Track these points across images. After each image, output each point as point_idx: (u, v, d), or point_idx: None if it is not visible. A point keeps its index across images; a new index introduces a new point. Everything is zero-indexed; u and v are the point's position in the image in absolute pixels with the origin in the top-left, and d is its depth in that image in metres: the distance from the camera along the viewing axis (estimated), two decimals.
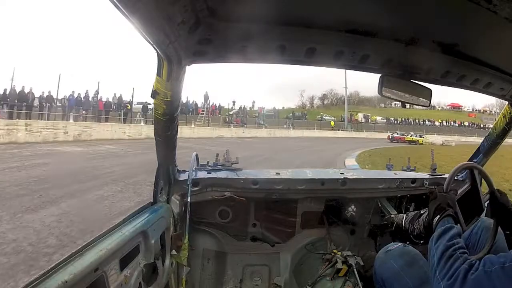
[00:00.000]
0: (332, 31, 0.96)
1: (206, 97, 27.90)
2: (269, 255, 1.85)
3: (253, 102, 41.25)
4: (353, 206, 1.91)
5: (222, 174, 1.69)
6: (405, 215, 1.60)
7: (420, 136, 33.09)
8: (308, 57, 1.04)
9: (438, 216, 1.03)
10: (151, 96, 1.04)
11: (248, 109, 37.13)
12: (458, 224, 1.03)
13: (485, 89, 1.29)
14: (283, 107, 47.78)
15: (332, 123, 39.72)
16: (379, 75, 1.13)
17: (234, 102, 35.97)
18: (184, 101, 25.22)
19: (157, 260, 1.27)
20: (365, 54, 1.05)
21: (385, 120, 46.22)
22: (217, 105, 31.51)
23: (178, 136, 1.31)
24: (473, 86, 1.26)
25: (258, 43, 0.97)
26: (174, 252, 1.43)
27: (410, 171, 2.08)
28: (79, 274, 0.77)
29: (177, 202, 1.55)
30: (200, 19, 0.82)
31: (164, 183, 1.46)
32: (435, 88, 1.22)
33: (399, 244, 1.34)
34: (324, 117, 42.18)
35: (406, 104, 1.18)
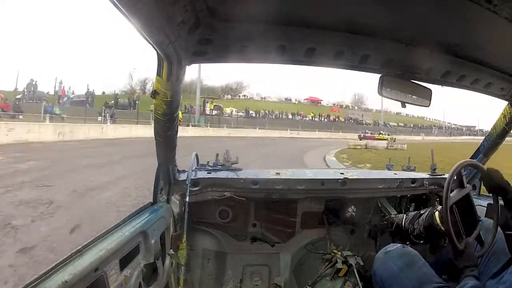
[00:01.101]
0: (332, 31, 0.96)
1: None
2: (269, 255, 1.85)
3: (60, 81, 28.48)
4: (353, 206, 1.91)
5: (222, 174, 1.69)
6: (405, 215, 1.60)
7: (388, 135, 38.97)
8: (308, 57, 1.04)
9: (465, 274, 1.07)
10: (151, 96, 1.04)
11: (47, 92, 25.17)
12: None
13: (485, 89, 1.29)
14: (104, 92, 33.31)
15: (180, 115, 29.73)
16: (379, 75, 1.13)
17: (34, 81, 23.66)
18: None
19: (157, 260, 1.27)
20: (365, 54, 1.05)
21: (244, 114, 38.19)
22: None
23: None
24: (473, 86, 1.26)
25: (258, 43, 0.97)
26: (171, 251, 1.43)
27: (410, 171, 2.08)
28: (79, 274, 0.77)
29: (177, 202, 1.55)
30: (200, 19, 0.82)
31: (164, 183, 1.46)
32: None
33: (398, 245, 1.34)
34: None
35: (405, 104, 1.18)
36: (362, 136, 36.39)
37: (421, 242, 1.47)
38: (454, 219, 1.15)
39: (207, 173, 1.68)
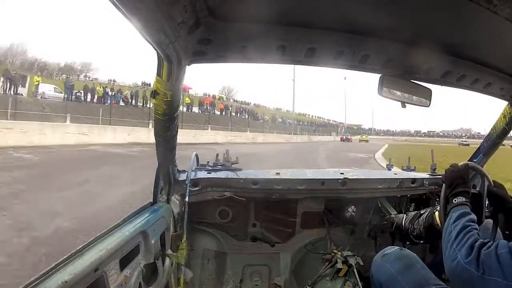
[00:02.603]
0: (332, 31, 0.96)
1: None
2: (269, 255, 1.85)
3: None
4: (353, 206, 1.91)
5: (222, 174, 1.69)
6: (405, 215, 1.60)
7: (366, 136, 48.01)
8: (308, 57, 1.04)
9: (457, 200, 1.07)
10: (151, 96, 1.04)
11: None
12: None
13: (485, 89, 1.29)
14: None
15: None
16: (379, 75, 1.13)
17: None
18: None
19: (157, 260, 1.27)
20: (365, 54, 1.05)
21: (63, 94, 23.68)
22: None
23: None
24: (473, 86, 1.26)
25: (258, 43, 0.97)
26: (169, 251, 1.43)
27: (410, 171, 2.08)
28: (79, 274, 0.77)
29: (177, 202, 1.55)
30: (200, 19, 0.81)
31: (164, 183, 1.46)
32: None
33: (396, 247, 1.34)
34: None
35: (406, 104, 1.18)
36: (344, 138, 47.19)
37: (421, 242, 1.47)
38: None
39: (207, 173, 1.68)
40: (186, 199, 1.50)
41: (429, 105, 1.22)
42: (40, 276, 0.71)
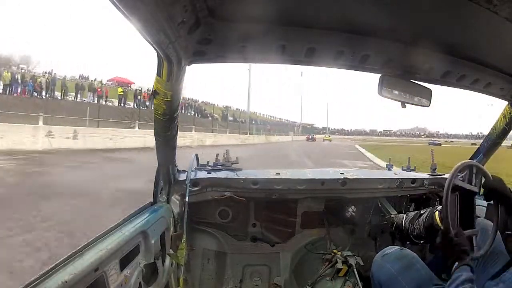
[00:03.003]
0: (332, 31, 0.96)
1: None
2: (269, 255, 1.85)
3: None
4: (353, 206, 1.91)
5: (222, 174, 1.69)
6: (405, 215, 1.60)
7: (329, 136, 50.83)
8: (308, 57, 1.03)
9: (456, 264, 1.00)
10: (151, 96, 1.04)
11: None
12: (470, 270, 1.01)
13: (485, 89, 1.29)
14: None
15: None
16: (379, 75, 1.13)
17: None
18: None
19: (157, 260, 1.27)
20: (365, 54, 1.05)
21: None
22: None
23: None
24: (473, 86, 1.26)
25: (258, 43, 0.97)
26: (170, 251, 1.43)
27: (410, 171, 2.08)
28: (79, 274, 0.77)
29: (177, 202, 1.55)
30: (200, 19, 0.81)
31: (164, 183, 1.46)
32: None
33: (396, 247, 1.34)
34: None
35: (405, 104, 1.18)
36: (310, 137, 51.08)
37: (421, 242, 1.47)
38: (454, 216, 1.15)
39: (207, 173, 1.68)
40: (186, 199, 1.50)
41: (429, 105, 1.21)
42: (40, 276, 0.71)
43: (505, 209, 1.16)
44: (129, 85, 32.97)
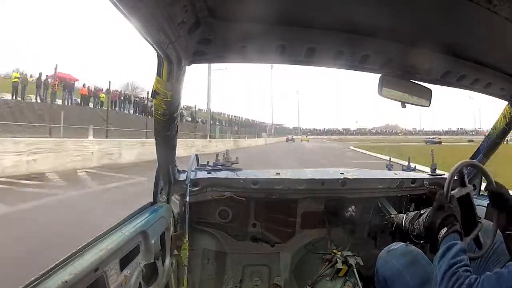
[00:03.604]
0: (332, 31, 0.96)
1: None
2: (269, 255, 1.85)
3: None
4: (353, 206, 1.91)
5: (222, 174, 1.69)
6: (405, 215, 1.60)
7: (307, 136, 56.00)
8: (308, 57, 1.03)
9: (445, 229, 0.99)
10: (151, 96, 1.04)
11: None
12: (462, 240, 1.00)
13: (485, 89, 1.29)
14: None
15: None
16: (379, 75, 1.13)
17: None
18: None
19: (157, 260, 1.27)
20: (365, 54, 1.05)
21: None
22: None
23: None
24: (473, 86, 1.26)
25: (258, 43, 0.97)
26: (175, 252, 1.43)
27: (410, 171, 2.09)
28: (79, 274, 0.77)
29: (177, 202, 1.55)
30: (200, 19, 0.81)
31: (164, 183, 1.46)
32: None
33: (402, 243, 1.35)
34: None
35: (406, 104, 1.18)
36: (289, 138, 55.72)
37: (421, 242, 1.47)
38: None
39: (207, 173, 1.68)
40: (186, 199, 1.50)
41: (429, 105, 1.21)
42: (40, 276, 0.71)
43: (506, 215, 1.15)
44: (73, 82, 23.68)
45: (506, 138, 1.65)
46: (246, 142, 31.62)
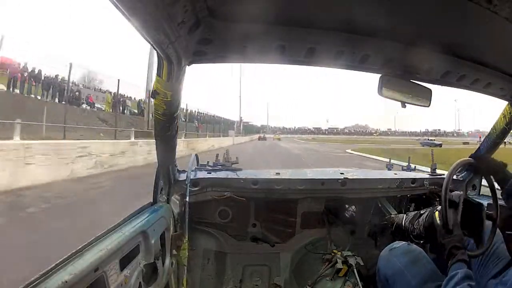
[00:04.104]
0: (332, 31, 0.96)
1: None
2: (269, 255, 1.85)
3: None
4: (353, 206, 1.91)
5: (222, 174, 1.69)
6: (405, 215, 1.60)
7: (279, 135, 58.50)
8: (308, 57, 1.03)
9: (451, 261, 1.02)
10: (151, 96, 1.04)
11: None
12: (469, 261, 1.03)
13: (485, 89, 1.29)
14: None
15: None
16: (379, 75, 1.13)
17: None
18: None
19: (157, 260, 1.27)
20: (365, 54, 1.05)
21: None
22: None
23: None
24: (473, 86, 1.26)
25: (258, 43, 0.97)
26: (174, 252, 1.43)
27: (410, 171, 2.08)
28: (79, 274, 0.77)
29: (177, 202, 1.55)
30: (200, 19, 0.81)
31: (164, 183, 1.46)
32: None
33: (403, 242, 1.35)
34: None
35: (406, 104, 1.18)
36: (262, 137, 58.10)
37: (421, 242, 1.47)
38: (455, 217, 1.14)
39: (207, 173, 1.68)
40: (187, 199, 1.50)
41: (429, 105, 1.21)
42: (40, 276, 0.71)
43: (497, 183, 1.20)
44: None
45: (505, 141, 1.65)
46: (207, 142, 22.22)
